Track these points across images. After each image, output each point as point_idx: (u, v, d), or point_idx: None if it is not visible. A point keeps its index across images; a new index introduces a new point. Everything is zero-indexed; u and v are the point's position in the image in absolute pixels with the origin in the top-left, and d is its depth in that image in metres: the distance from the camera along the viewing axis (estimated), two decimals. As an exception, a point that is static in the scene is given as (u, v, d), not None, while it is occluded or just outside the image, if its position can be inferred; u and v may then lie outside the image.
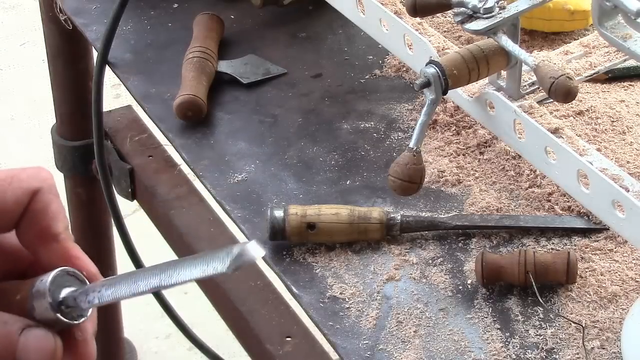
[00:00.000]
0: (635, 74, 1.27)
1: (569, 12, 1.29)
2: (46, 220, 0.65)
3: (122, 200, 1.58)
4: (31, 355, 0.61)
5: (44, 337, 0.62)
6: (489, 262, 1.04)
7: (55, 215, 0.65)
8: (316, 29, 1.42)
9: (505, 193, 1.15)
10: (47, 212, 0.65)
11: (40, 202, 0.65)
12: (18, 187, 0.64)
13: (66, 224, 0.66)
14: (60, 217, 0.65)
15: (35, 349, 0.61)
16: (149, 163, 1.53)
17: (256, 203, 1.17)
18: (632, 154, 1.16)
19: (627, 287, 1.05)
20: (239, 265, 0.57)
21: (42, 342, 0.62)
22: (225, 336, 2.18)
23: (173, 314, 1.59)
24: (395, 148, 1.22)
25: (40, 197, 0.65)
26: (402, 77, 1.32)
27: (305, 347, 1.26)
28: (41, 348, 0.61)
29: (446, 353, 1.00)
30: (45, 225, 0.65)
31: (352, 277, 1.08)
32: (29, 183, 0.64)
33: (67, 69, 1.67)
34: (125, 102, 1.76)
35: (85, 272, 0.65)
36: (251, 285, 1.33)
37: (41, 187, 0.65)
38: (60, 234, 0.65)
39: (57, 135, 1.75)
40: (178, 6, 1.47)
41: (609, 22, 0.98)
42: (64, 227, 0.66)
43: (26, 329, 0.61)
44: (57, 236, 0.65)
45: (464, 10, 1.02)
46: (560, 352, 1.00)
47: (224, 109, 1.30)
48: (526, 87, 1.06)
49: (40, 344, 0.61)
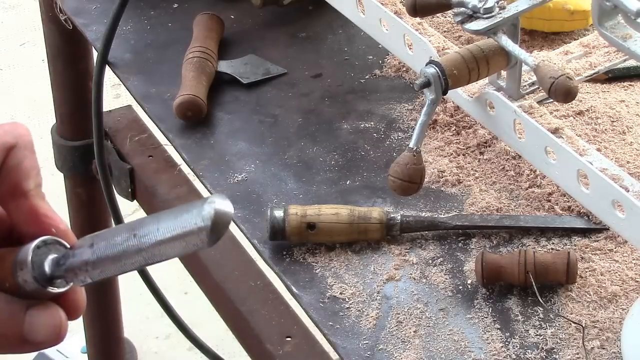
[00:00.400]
0: (635, 74, 1.27)
1: (569, 12, 1.29)
2: (18, 176, 0.64)
3: (122, 200, 1.58)
4: (39, 333, 0.61)
5: (49, 314, 0.62)
6: (489, 262, 1.04)
7: (27, 171, 0.64)
8: (316, 29, 1.42)
9: (505, 193, 1.15)
10: (20, 169, 0.64)
11: (14, 159, 0.63)
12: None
13: (38, 182, 0.65)
14: (32, 174, 0.64)
15: (42, 326, 0.61)
16: (149, 163, 1.53)
17: (256, 203, 1.17)
18: (632, 154, 1.16)
19: (627, 287, 1.05)
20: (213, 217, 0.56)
21: (48, 319, 0.62)
22: (225, 336, 2.19)
23: (173, 314, 1.59)
24: (395, 148, 1.22)
25: (14, 154, 0.63)
26: (402, 77, 1.32)
27: (305, 347, 1.25)
28: (48, 325, 0.61)
29: (446, 353, 1.00)
30: (15, 182, 0.64)
31: (352, 277, 1.08)
32: (3, 139, 0.63)
33: (67, 69, 1.67)
34: (125, 102, 1.76)
35: (55, 229, 0.64)
36: (251, 285, 1.33)
37: (16, 143, 0.63)
38: (30, 190, 0.64)
39: (57, 135, 1.75)
40: (178, 6, 1.47)
41: (609, 22, 0.98)
42: (35, 185, 0.64)
43: (31, 307, 0.61)
44: (26, 193, 0.64)
45: (464, 10, 1.02)
46: (560, 352, 1.00)
47: (224, 109, 1.30)
48: (526, 87, 1.06)
49: (47, 321, 0.62)
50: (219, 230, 0.58)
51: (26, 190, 0.64)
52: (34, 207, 0.64)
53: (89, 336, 1.98)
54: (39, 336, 0.61)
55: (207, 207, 0.57)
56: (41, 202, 0.64)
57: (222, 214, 0.57)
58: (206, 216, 0.57)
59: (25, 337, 0.61)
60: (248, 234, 1.14)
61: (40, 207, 0.64)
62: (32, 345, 0.62)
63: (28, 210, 0.64)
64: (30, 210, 0.64)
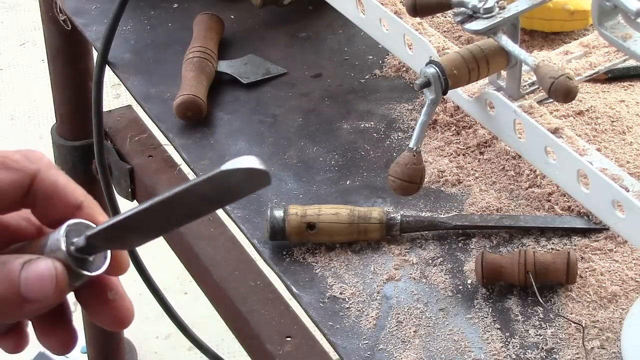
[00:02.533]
0: (635, 74, 1.27)
1: (569, 12, 1.29)
2: (62, 194, 0.64)
3: (122, 200, 1.58)
4: (34, 287, 0.60)
5: (42, 265, 0.60)
6: (489, 262, 1.04)
7: (66, 186, 0.64)
8: (316, 29, 1.42)
9: (505, 193, 1.15)
10: (59, 187, 0.64)
11: (46, 180, 0.63)
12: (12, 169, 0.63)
13: (83, 191, 0.65)
14: (73, 186, 0.64)
15: (35, 279, 0.60)
16: (149, 163, 1.53)
17: (256, 203, 1.17)
18: (632, 154, 1.16)
19: (627, 287, 1.05)
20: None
21: (41, 270, 0.60)
22: (225, 336, 2.19)
23: (173, 314, 1.59)
24: (395, 148, 1.22)
25: (43, 176, 0.63)
26: (402, 77, 1.32)
27: (305, 347, 1.25)
28: (41, 275, 0.60)
29: (446, 353, 1.00)
30: (62, 200, 0.64)
31: (352, 277, 1.08)
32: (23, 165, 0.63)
33: (67, 69, 1.67)
34: (125, 102, 1.76)
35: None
36: (251, 285, 1.33)
37: (39, 168, 0.63)
38: (82, 201, 0.64)
39: (57, 135, 1.75)
40: (178, 6, 1.47)
41: (609, 22, 0.98)
42: (84, 195, 0.64)
43: (26, 263, 0.60)
44: (80, 205, 0.64)
45: (464, 10, 1.02)
46: (560, 352, 1.00)
47: (224, 109, 1.30)
48: (526, 87, 1.06)
49: (40, 272, 0.60)
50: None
51: (78, 203, 0.64)
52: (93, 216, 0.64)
53: (89, 336, 1.98)
54: (36, 291, 0.60)
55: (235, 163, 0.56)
56: (97, 208, 0.65)
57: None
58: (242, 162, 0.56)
59: (23, 295, 0.60)
60: (248, 234, 1.14)
61: (99, 214, 0.64)
62: (32, 303, 0.60)
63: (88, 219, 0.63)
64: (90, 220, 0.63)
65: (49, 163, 0.64)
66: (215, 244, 1.39)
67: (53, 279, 0.60)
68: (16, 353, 0.66)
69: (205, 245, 1.39)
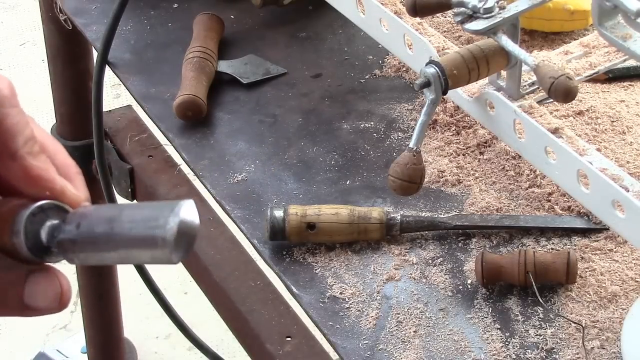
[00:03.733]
0: (635, 74, 1.27)
1: (569, 12, 1.29)
2: (1, 137, 0.58)
3: (122, 200, 1.58)
4: (40, 300, 0.60)
5: (50, 282, 0.60)
6: (489, 262, 1.04)
7: (10, 130, 0.58)
8: (316, 29, 1.42)
9: (505, 193, 1.15)
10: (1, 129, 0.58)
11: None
12: None
13: (27, 137, 0.59)
14: (17, 131, 0.58)
15: (42, 294, 0.60)
16: (149, 163, 1.53)
17: (256, 203, 1.17)
18: (632, 154, 1.16)
19: (627, 287, 1.05)
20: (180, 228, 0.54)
21: (49, 287, 0.60)
22: (225, 336, 2.19)
23: (173, 314, 1.59)
24: (395, 148, 1.22)
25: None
26: (402, 77, 1.32)
27: (305, 347, 1.25)
28: (47, 293, 0.60)
29: (446, 353, 1.00)
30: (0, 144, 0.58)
31: (352, 277, 1.08)
32: None
33: (67, 69, 1.67)
34: (125, 102, 1.76)
35: (49, 191, 0.59)
36: (251, 285, 1.33)
37: None
38: (17, 151, 0.58)
39: (57, 135, 1.75)
40: (178, 6, 1.47)
41: (609, 22, 0.98)
42: (24, 141, 0.58)
43: (31, 273, 0.59)
44: (15, 154, 0.58)
45: (464, 10, 1.02)
46: (560, 352, 1.00)
47: (224, 109, 1.30)
48: (526, 87, 1.06)
49: (47, 289, 0.60)
50: (182, 242, 0.55)
51: (14, 151, 0.58)
52: (25, 169, 0.59)
53: (89, 336, 1.98)
54: (39, 303, 0.60)
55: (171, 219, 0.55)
56: (33, 160, 0.59)
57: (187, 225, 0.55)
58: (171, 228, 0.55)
59: (26, 303, 0.60)
60: (248, 234, 1.14)
61: (31, 167, 0.59)
62: (34, 311, 0.60)
63: (20, 172, 0.59)
64: (22, 173, 0.59)
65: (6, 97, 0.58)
66: (215, 244, 1.39)
67: (58, 297, 0.60)
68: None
69: (205, 245, 1.39)
